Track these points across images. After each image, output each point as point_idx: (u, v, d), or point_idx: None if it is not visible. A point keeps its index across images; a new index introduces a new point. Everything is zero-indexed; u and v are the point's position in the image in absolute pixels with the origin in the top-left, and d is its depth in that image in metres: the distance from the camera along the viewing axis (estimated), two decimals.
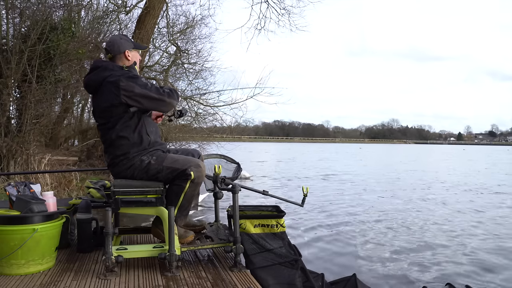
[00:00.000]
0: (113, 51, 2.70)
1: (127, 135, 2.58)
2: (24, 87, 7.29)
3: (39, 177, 6.69)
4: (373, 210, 8.45)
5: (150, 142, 2.65)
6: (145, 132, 2.63)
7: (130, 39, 2.83)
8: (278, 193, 3.91)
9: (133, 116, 2.60)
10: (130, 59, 2.73)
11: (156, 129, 2.79)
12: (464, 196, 10.89)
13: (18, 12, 7.92)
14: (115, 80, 2.52)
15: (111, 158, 2.64)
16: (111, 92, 2.52)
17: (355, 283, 3.25)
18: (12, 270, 2.45)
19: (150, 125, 2.71)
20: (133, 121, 2.60)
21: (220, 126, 12.58)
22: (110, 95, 2.53)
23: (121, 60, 2.71)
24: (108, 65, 2.65)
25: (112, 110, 2.56)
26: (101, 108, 2.61)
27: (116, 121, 2.58)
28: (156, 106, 2.63)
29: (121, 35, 2.93)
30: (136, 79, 2.56)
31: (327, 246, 5.53)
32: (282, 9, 11.83)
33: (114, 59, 2.71)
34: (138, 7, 10.78)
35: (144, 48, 2.95)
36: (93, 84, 2.64)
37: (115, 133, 2.59)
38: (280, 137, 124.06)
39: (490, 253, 5.29)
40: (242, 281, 2.46)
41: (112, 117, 2.58)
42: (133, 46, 2.77)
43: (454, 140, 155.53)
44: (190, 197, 2.66)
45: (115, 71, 2.59)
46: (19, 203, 2.60)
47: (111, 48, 2.70)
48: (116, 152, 2.61)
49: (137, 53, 2.83)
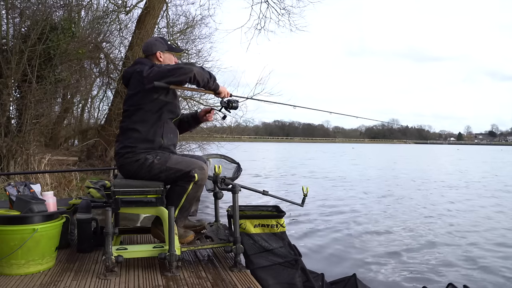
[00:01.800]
0: (146, 51, 2.83)
1: (140, 129, 2.61)
2: (24, 87, 7.29)
3: (39, 177, 6.69)
4: (372, 210, 8.45)
5: (161, 146, 2.65)
6: (160, 134, 2.64)
7: (166, 42, 2.88)
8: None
9: (155, 112, 2.62)
10: (162, 61, 2.80)
11: (174, 137, 2.76)
12: (464, 194, 10.90)
13: (18, 12, 7.93)
14: (141, 69, 2.63)
15: (120, 147, 2.66)
16: (137, 80, 2.63)
17: (355, 283, 3.25)
18: (12, 270, 2.45)
19: (169, 130, 2.70)
20: (152, 118, 2.62)
21: (220, 126, 12.58)
22: (135, 83, 2.65)
23: (153, 61, 2.80)
24: (143, 60, 2.78)
25: (134, 97, 2.63)
26: (128, 96, 2.71)
27: (135, 110, 2.62)
28: (175, 76, 2.54)
29: (157, 37, 2.97)
30: (158, 66, 2.64)
31: (327, 246, 5.53)
32: (282, 9, 11.86)
33: (149, 59, 2.82)
34: (138, 7, 10.79)
35: (179, 51, 2.96)
36: (126, 76, 2.78)
37: (131, 123, 2.63)
38: (280, 137, 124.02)
39: (490, 252, 5.29)
40: (242, 281, 2.46)
41: (132, 105, 2.65)
42: (166, 48, 2.83)
43: (454, 140, 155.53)
44: (191, 199, 2.67)
45: (145, 65, 2.69)
46: (19, 203, 2.60)
47: (145, 49, 2.84)
48: (125, 142, 2.63)
49: (172, 55, 2.86)
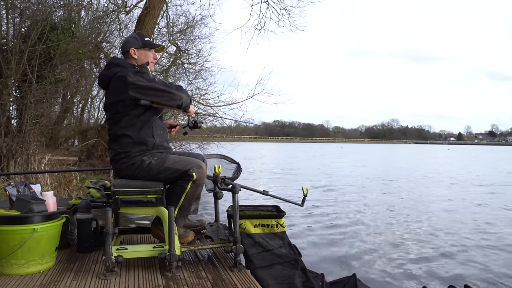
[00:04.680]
0: (121, 49, 2.79)
1: (130, 134, 2.58)
2: (24, 87, 7.30)
3: (39, 177, 6.69)
4: (371, 210, 8.45)
5: (154, 145, 2.64)
6: (150, 134, 2.63)
7: (142, 38, 2.78)
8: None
9: (141, 115, 2.59)
10: (136, 58, 2.73)
11: (164, 133, 2.76)
12: (462, 193, 10.90)
13: (18, 12, 7.93)
14: (123, 75, 2.55)
15: (113, 154, 2.64)
16: (120, 87, 2.55)
17: (355, 283, 3.24)
18: (12, 270, 2.45)
19: (158, 128, 2.69)
20: (139, 120, 2.60)
21: (220, 126, 12.58)
22: (118, 90, 2.56)
23: (129, 59, 2.73)
24: (121, 62, 2.70)
25: (119, 105, 2.57)
26: (110, 102, 2.63)
27: (121, 117, 2.59)
28: (164, 99, 2.57)
29: (133, 34, 2.89)
30: (143, 74, 2.59)
31: (327, 246, 5.52)
32: (282, 9, 11.84)
33: (124, 57, 2.77)
34: (138, 7, 10.78)
35: (156, 47, 2.88)
36: (104, 79, 2.69)
37: (120, 129, 2.60)
38: (280, 137, 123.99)
39: (489, 251, 5.29)
40: (242, 281, 2.46)
41: (118, 113, 2.59)
42: (140, 44, 2.74)
43: (454, 140, 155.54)
44: (191, 198, 2.66)
45: (126, 68, 2.62)
46: (19, 203, 2.60)
47: (121, 46, 2.80)
48: (118, 149, 2.61)
49: (148, 52, 2.77)
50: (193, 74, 12.46)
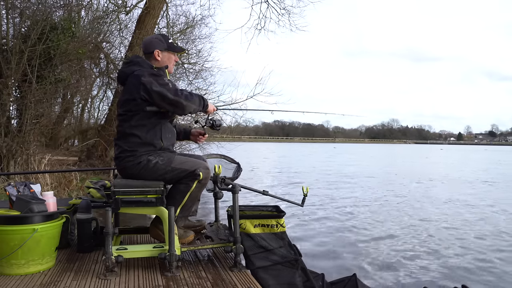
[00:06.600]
0: (144, 49, 2.76)
1: (139, 134, 2.59)
2: (24, 87, 7.29)
3: (39, 177, 6.68)
4: (370, 209, 8.45)
5: (162, 148, 2.65)
6: (158, 137, 2.63)
7: (166, 40, 2.78)
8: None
9: (151, 117, 2.60)
10: (159, 60, 2.73)
11: (172, 137, 2.77)
12: (461, 191, 10.90)
13: (18, 12, 7.92)
14: (139, 74, 2.56)
15: (119, 151, 2.64)
16: (133, 85, 2.56)
17: (355, 283, 3.24)
18: (12, 270, 2.45)
19: (166, 131, 2.69)
20: (150, 121, 2.60)
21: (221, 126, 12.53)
22: (132, 88, 2.57)
23: (151, 60, 2.73)
24: (141, 61, 2.71)
25: (132, 103, 2.58)
26: (124, 99, 2.64)
27: (132, 115, 2.59)
28: (171, 107, 2.58)
29: (158, 35, 2.86)
30: (158, 77, 2.58)
31: (327, 246, 5.53)
32: (282, 9, 11.81)
33: (146, 57, 2.76)
34: (138, 7, 10.76)
35: (180, 51, 2.84)
36: (122, 76, 2.71)
37: (129, 128, 2.60)
38: (280, 137, 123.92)
39: (489, 251, 5.29)
40: (242, 281, 2.46)
41: (130, 111, 2.60)
42: (166, 47, 2.74)
43: (454, 140, 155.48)
44: (194, 198, 2.68)
45: (144, 68, 2.63)
46: (19, 203, 2.60)
47: (143, 47, 2.76)
48: (124, 146, 2.61)
49: (171, 55, 2.78)
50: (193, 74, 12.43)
